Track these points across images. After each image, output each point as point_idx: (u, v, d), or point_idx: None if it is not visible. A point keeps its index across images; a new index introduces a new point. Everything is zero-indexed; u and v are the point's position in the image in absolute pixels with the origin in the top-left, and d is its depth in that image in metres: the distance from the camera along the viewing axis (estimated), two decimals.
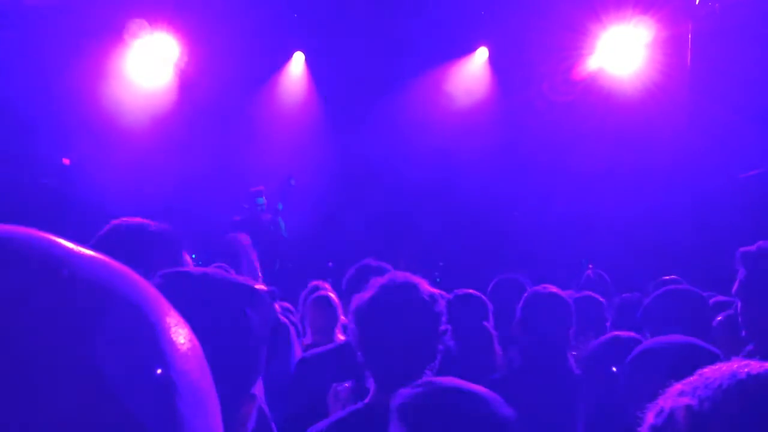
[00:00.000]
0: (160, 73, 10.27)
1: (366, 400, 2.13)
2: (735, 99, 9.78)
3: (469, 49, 11.56)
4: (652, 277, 5.43)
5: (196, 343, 0.48)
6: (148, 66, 10.14)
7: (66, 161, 9.30)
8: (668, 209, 10.35)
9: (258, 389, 1.25)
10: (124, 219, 2.12)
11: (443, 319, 2.14)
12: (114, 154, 9.22)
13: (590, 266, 9.19)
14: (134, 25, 9.60)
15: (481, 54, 11.57)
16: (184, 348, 0.45)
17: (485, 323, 3.79)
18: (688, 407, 0.88)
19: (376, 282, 2.14)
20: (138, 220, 2.13)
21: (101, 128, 9.33)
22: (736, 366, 0.91)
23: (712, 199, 10.03)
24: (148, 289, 0.46)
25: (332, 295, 4.34)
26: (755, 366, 0.90)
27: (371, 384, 2.12)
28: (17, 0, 8.76)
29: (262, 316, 1.24)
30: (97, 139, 9.27)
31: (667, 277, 4.95)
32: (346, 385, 2.40)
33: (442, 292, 3.13)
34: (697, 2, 9.78)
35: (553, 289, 3.44)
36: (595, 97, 11.18)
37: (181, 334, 0.46)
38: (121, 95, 9.73)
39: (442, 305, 2.16)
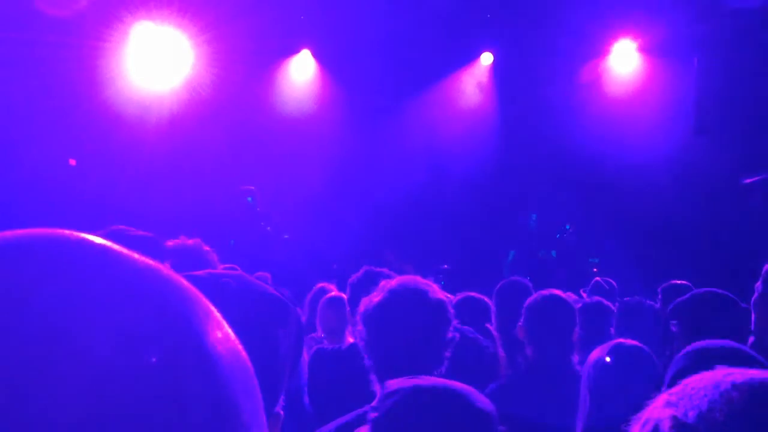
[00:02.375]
0: (165, 72, 10.28)
1: (373, 404, 2.11)
2: (740, 104, 9.78)
3: (474, 54, 11.56)
4: (657, 282, 5.41)
5: (246, 362, 0.46)
6: (155, 65, 10.14)
7: (72, 162, 9.31)
8: (673, 214, 10.33)
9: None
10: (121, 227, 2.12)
11: (452, 324, 2.13)
12: (121, 154, 9.23)
13: (595, 270, 9.20)
14: (140, 24, 9.63)
15: (486, 59, 11.57)
16: (230, 365, 0.44)
17: (487, 325, 3.79)
18: (674, 417, 0.88)
19: (386, 285, 2.13)
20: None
21: (108, 128, 9.34)
22: (720, 375, 0.91)
23: (716, 203, 10.02)
24: (196, 299, 0.45)
25: (345, 296, 4.36)
26: (739, 374, 0.90)
27: (377, 388, 2.11)
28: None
29: (289, 331, 1.16)
30: (104, 139, 9.28)
31: (677, 282, 4.93)
32: None
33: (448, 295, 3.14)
34: None
35: (557, 292, 3.45)
36: (598, 101, 11.20)
37: (228, 351, 0.44)
38: (126, 94, 9.73)
39: (451, 311, 2.15)
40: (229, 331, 0.46)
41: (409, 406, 1.40)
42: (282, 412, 1.15)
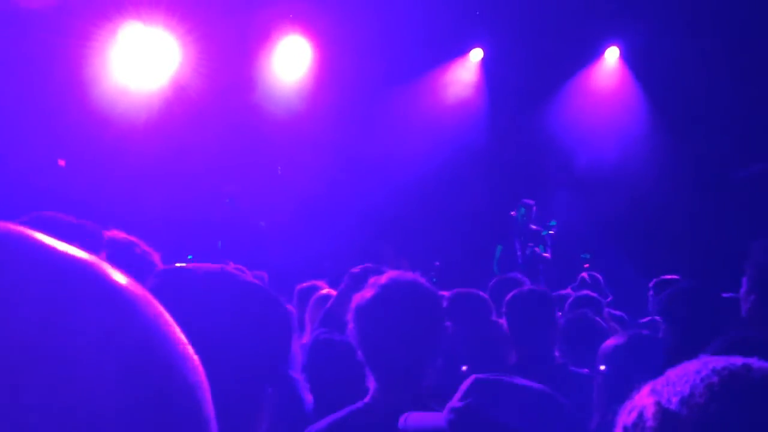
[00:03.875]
0: (154, 72, 10.24)
1: (366, 399, 2.11)
2: (734, 97, 9.86)
3: (463, 50, 11.56)
4: (648, 277, 5.44)
5: (193, 359, 0.46)
6: (143, 65, 10.11)
7: (62, 162, 9.26)
8: (662, 209, 10.39)
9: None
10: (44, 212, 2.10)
11: (444, 316, 2.14)
12: (110, 155, 9.19)
13: (586, 265, 9.22)
14: (130, 23, 9.60)
15: (476, 55, 11.59)
16: (177, 360, 0.43)
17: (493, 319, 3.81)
18: (657, 404, 0.90)
19: (377, 280, 2.13)
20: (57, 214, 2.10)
21: (97, 129, 9.30)
22: (701, 362, 0.93)
23: (707, 198, 10.08)
24: (132, 290, 0.44)
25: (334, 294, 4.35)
26: (719, 361, 0.92)
27: (371, 382, 2.11)
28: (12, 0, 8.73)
29: (275, 324, 1.18)
30: (94, 140, 9.24)
31: (668, 276, 4.96)
32: None
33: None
34: None
35: (536, 287, 3.52)
36: (586, 99, 11.29)
37: (173, 345, 0.44)
38: (114, 94, 9.70)
39: (442, 303, 2.15)
40: (173, 327, 0.45)
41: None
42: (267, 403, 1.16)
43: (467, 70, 11.67)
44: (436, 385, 2.11)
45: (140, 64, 10.00)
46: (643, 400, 0.93)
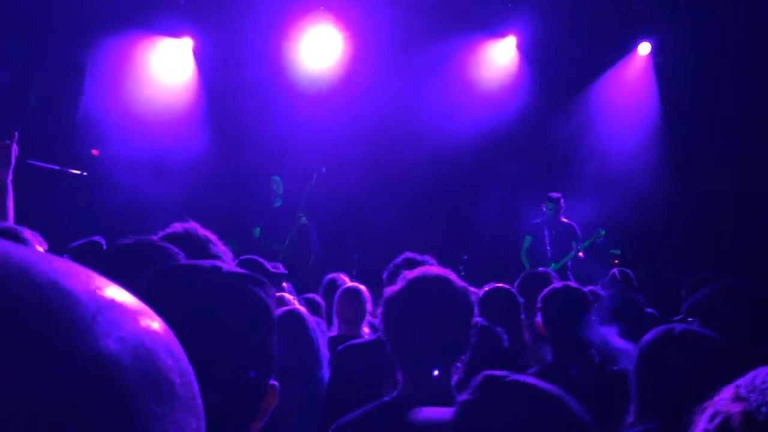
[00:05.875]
0: (182, 68, 10.40)
1: (394, 393, 2.13)
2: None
3: (497, 35, 11.33)
4: (682, 273, 5.39)
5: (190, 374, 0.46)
6: (171, 62, 10.28)
7: (95, 152, 9.39)
8: (691, 206, 10.27)
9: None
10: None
11: (473, 311, 2.15)
12: (143, 146, 9.30)
13: (616, 261, 9.14)
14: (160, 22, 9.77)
15: (509, 42, 11.37)
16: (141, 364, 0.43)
17: (519, 316, 3.82)
18: (746, 413, 0.86)
19: (407, 275, 2.14)
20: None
21: (130, 120, 9.44)
22: None
23: (736, 195, 9.93)
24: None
25: (362, 287, 4.36)
26: None
27: (400, 376, 2.13)
28: None
29: (258, 304, 1.21)
30: (127, 131, 9.37)
31: (700, 274, 4.93)
32: None
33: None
34: None
35: (570, 284, 3.54)
36: (614, 92, 11.20)
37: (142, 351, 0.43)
38: (148, 89, 9.84)
39: (472, 298, 2.16)
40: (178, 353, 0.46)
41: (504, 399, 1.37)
42: (277, 383, 1.21)
43: (501, 56, 11.47)
44: (464, 381, 2.12)
45: (168, 59, 10.21)
46: (729, 406, 0.89)
